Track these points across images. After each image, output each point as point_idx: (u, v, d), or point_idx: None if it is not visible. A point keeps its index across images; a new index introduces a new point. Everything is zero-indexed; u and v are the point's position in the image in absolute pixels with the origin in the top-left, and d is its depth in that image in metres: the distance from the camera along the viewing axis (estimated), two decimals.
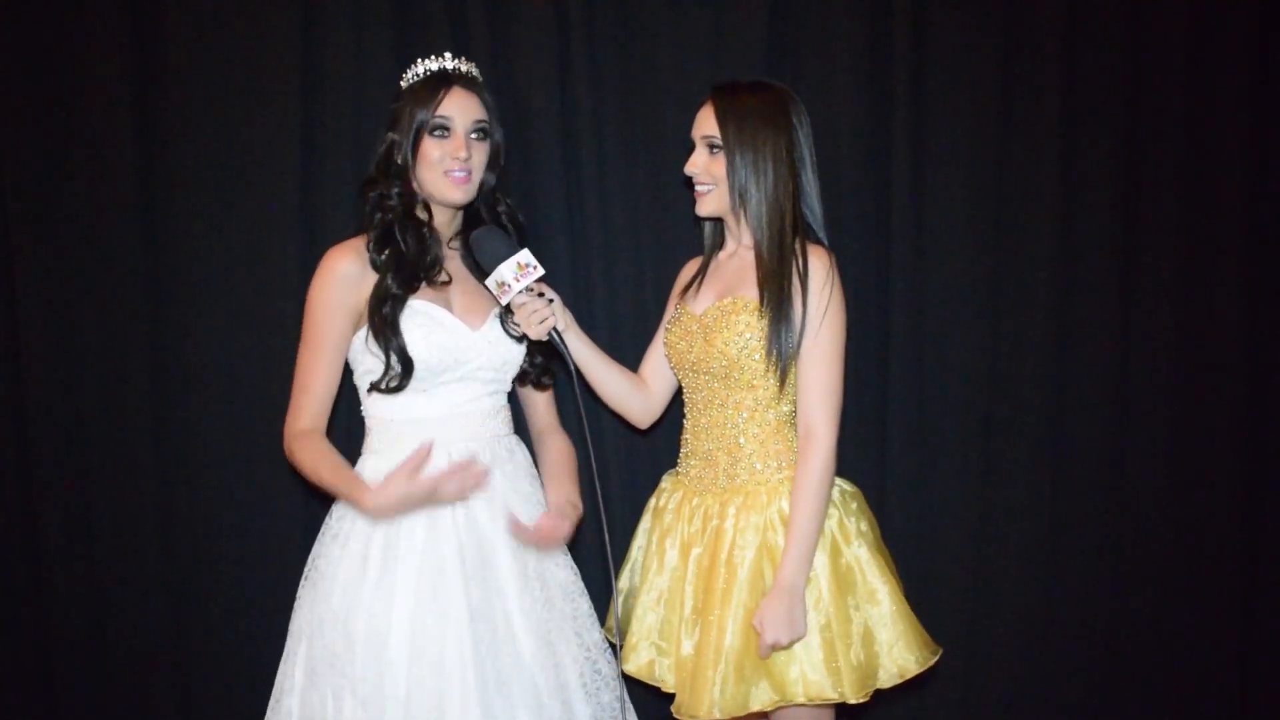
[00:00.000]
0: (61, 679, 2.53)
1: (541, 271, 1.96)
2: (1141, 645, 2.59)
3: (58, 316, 2.47)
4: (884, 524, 2.17)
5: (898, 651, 1.99)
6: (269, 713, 2.01)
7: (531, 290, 1.96)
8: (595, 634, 2.14)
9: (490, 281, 1.96)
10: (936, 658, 2.04)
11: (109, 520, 2.51)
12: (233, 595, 2.52)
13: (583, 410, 1.98)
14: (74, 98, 2.44)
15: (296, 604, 2.04)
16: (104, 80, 2.42)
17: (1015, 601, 2.56)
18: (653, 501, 2.22)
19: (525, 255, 1.94)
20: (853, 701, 1.93)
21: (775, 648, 1.90)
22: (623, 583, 2.21)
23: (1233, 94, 2.50)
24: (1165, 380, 2.57)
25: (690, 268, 2.24)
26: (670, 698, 2.04)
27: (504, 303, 1.98)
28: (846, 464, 2.16)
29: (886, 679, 1.99)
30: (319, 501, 2.23)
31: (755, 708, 1.94)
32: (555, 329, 1.98)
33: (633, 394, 2.18)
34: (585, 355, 2.08)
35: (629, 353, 2.30)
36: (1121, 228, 2.53)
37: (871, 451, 2.53)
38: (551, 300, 2.00)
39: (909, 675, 2.00)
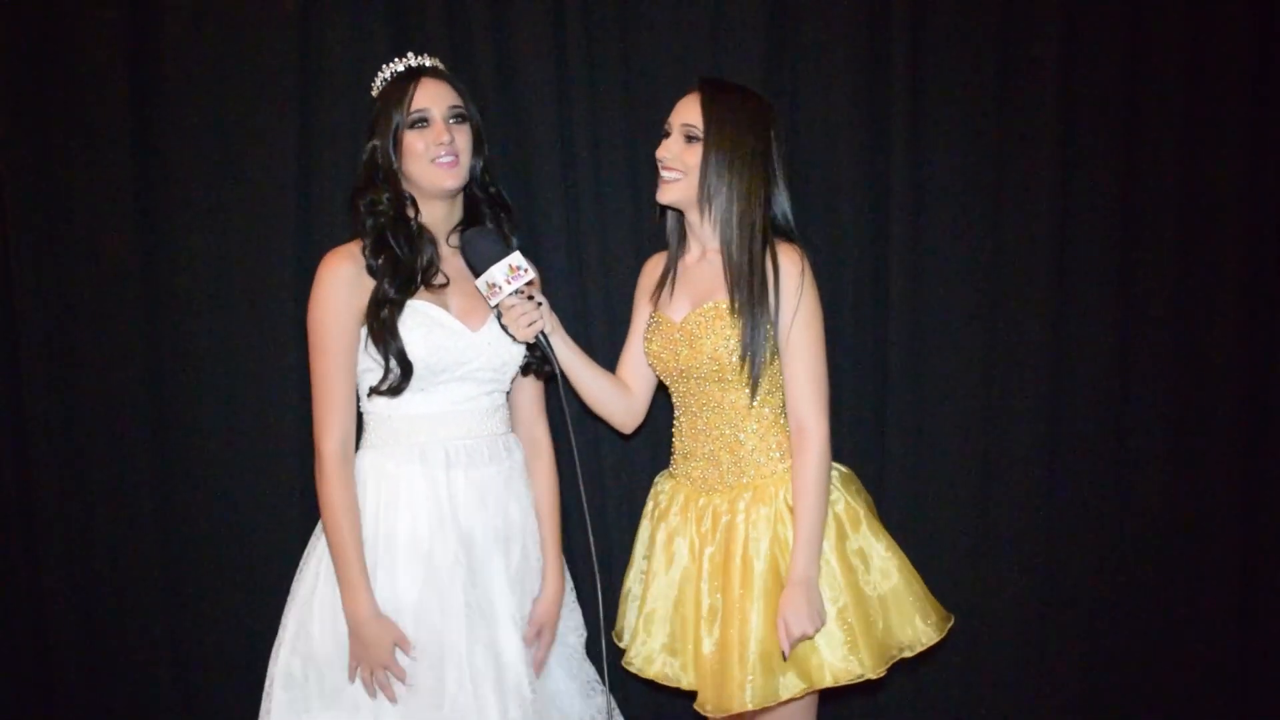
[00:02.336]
0: (61, 678, 2.54)
1: (533, 275, 1.94)
2: (1139, 639, 2.61)
3: (54, 315, 2.47)
4: (883, 516, 2.17)
5: (916, 622, 2.02)
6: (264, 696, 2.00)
7: (521, 293, 1.93)
8: (583, 638, 2.16)
9: (480, 282, 1.93)
10: (951, 623, 2.07)
11: (106, 520, 2.51)
12: (232, 593, 2.51)
13: (568, 414, 1.98)
14: (71, 96, 2.43)
15: (290, 599, 2.03)
16: (101, 79, 2.42)
17: (1012, 594, 2.57)
18: (650, 505, 2.19)
19: (517, 258, 1.92)
20: (873, 677, 1.95)
21: (803, 639, 1.90)
22: (627, 585, 2.20)
23: (1232, 92, 2.49)
24: (1165, 378, 2.56)
25: (652, 267, 2.20)
26: (678, 693, 2.04)
27: (493, 304, 1.95)
28: (846, 458, 2.18)
29: (908, 650, 2.01)
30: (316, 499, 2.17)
31: (785, 697, 1.93)
32: (542, 332, 1.97)
33: (617, 397, 2.15)
34: (570, 359, 2.06)
35: None
36: (1120, 225, 2.52)
37: (871, 446, 2.51)
38: (540, 304, 1.97)
39: (931, 644, 2.02)
